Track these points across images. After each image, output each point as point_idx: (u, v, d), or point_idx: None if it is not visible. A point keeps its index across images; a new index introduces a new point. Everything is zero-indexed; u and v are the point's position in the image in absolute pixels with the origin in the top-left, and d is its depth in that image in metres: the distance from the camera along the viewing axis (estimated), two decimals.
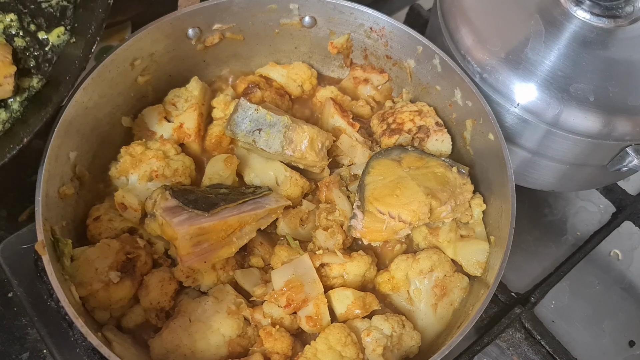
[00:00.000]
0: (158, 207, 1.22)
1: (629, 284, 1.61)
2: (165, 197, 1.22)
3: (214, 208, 1.22)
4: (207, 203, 1.23)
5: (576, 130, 1.32)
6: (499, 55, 1.36)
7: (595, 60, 1.33)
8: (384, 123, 1.50)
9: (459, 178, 1.36)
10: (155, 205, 1.23)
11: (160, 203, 1.22)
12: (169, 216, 1.20)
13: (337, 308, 1.25)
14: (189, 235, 1.18)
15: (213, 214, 1.21)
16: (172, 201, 1.21)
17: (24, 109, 1.17)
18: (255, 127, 1.34)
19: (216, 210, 1.21)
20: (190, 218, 1.20)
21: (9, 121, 1.16)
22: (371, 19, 1.51)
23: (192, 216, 1.20)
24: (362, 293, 1.26)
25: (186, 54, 1.53)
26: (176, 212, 1.21)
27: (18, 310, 1.40)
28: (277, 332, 1.19)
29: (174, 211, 1.21)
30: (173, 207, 1.21)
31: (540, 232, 1.68)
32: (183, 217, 1.20)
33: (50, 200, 1.21)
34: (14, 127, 1.16)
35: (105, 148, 1.42)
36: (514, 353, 1.39)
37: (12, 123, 1.16)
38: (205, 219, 1.20)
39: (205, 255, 1.21)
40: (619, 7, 1.38)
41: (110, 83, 1.38)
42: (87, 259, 1.22)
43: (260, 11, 1.52)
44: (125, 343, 1.18)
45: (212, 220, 1.21)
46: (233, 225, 1.23)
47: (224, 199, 1.26)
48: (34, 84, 1.18)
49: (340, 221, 1.34)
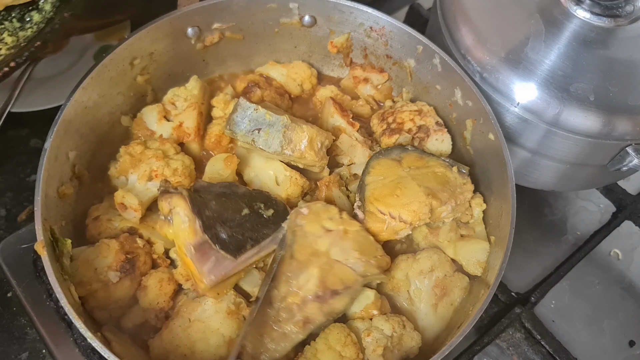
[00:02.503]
0: (185, 238, 1.17)
1: (629, 284, 1.61)
2: (194, 230, 1.17)
3: (241, 252, 1.18)
4: (234, 244, 1.19)
5: (576, 129, 1.32)
6: (499, 55, 1.36)
7: (596, 59, 1.33)
8: (384, 123, 1.50)
9: (459, 178, 1.36)
10: (181, 230, 1.18)
11: (189, 237, 1.17)
12: (199, 262, 1.16)
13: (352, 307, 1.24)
14: (215, 283, 1.18)
15: (239, 257, 1.19)
16: (202, 236, 1.17)
17: (55, 9, 1.22)
18: (255, 126, 1.34)
19: (242, 255, 1.19)
20: (218, 264, 1.17)
21: (42, 22, 1.21)
22: (371, 18, 1.51)
23: (219, 260, 1.17)
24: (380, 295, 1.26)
25: (186, 53, 1.52)
26: (204, 253, 1.17)
27: (17, 310, 1.40)
28: None
29: (202, 252, 1.17)
30: (202, 243, 1.17)
31: (540, 231, 1.68)
32: (211, 265, 1.17)
33: (50, 200, 1.21)
34: (45, 28, 1.22)
35: (105, 147, 1.42)
36: (514, 353, 1.39)
37: (45, 23, 1.21)
38: (232, 264, 1.18)
39: (219, 287, 1.21)
40: (619, 6, 1.37)
41: (110, 82, 1.38)
42: (87, 258, 1.22)
43: (260, 10, 1.52)
44: (124, 343, 1.18)
45: (238, 266, 1.20)
46: (251, 264, 1.24)
47: (250, 237, 1.21)
48: None
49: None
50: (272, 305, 1.17)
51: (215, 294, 1.21)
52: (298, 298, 1.16)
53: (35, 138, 1.67)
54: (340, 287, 1.17)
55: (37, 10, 1.19)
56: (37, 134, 1.67)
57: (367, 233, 1.27)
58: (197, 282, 1.20)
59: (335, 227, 1.24)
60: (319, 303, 1.15)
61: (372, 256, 1.22)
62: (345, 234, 1.23)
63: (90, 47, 1.86)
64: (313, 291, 1.16)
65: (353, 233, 1.24)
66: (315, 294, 1.16)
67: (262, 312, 1.16)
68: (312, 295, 1.16)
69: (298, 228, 1.25)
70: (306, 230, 1.24)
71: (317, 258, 1.20)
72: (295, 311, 1.15)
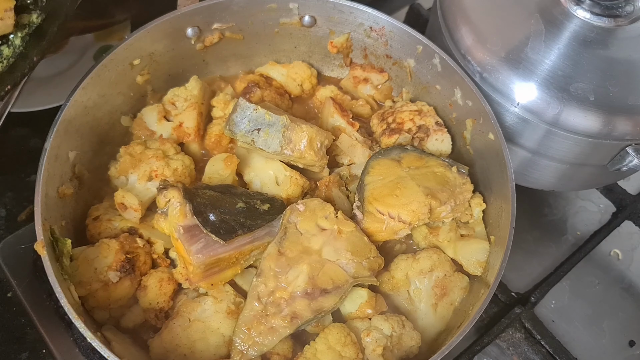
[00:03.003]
0: (176, 222, 1.19)
1: (629, 284, 1.61)
2: (184, 212, 1.19)
3: (231, 236, 1.19)
4: (225, 229, 1.19)
5: (576, 129, 1.32)
6: (499, 55, 1.36)
7: (596, 59, 1.33)
8: (383, 122, 1.50)
9: (459, 178, 1.36)
10: (173, 216, 1.20)
11: (179, 219, 1.19)
12: (188, 242, 1.17)
13: (346, 307, 1.24)
14: (204, 265, 1.18)
15: (230, 242, 1.19)
16: (191, 219, 1.19)
17: (25, 44, 1.20)
18: (254, 126, 1.34)
19: (233, 240, 1.19)
20: (207, 246, 1.18)
21: (12, 57, 1.19)
22: (371, 18, 1.51)
23: (209, 243, 1.18)
24: (374, 293, 1.26)
25: (185, 53, 1.52)
26: (194, 235, 1.18)
27: (17, 310, 1.40)
28: None
29: (192, 233, 1.18)
30: (191, 226, 1.19)
31: (540, 231, 1.68)
32: (200, 245, 1.17)
33: (50, 200, 1.21)
34: (17, 62, 1.20)
35: (105, 148, 1.42)
36: (514, 353, 1.39)
37: (15, 58, 1.19)
38: (222, 247, 1.19)
39: (213, 277, 1.21)
40: (619, 6, 1.37)
41: (110, 82, 1.38)
42: (87, 258, 1.22)
43: (259, 10, 1.52)
44: (124, 343, 1.18)
45: (228, 251, 1.19)
46: (245, 253, 1.23)
47: (242, 225, 1.22)
48: (33, 19, 1.21)
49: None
50: (259, 299, 1.17)
51: (209, 285, 1.21)
52: (286, 293, 1.17)
53: (35, 138, 1.67)
54: (330, 286, 1.18)
55: (6, 44, 1.19)
56: (37, 134, 1.67)
57: (362, 234, 1.27)
58: (187, 265, 1.20)
59: (329, 227, 1.25)
60: (307, 300, 1.16)
61: (364, 258, 1.23)
62: (339, 234, 1.24)
63: (90, 47, 1.86)
64: (302, 287, 1.17)
65: (347, 233, 1.25)
66: (304, 291, 1.17)
67: (249, 306, 1.17)
68: (301, 291, 1.16)
69: (291, 225, 1.25)
70: (300, 228, 1.25)
71: (308, 256, 1.21)
72: (283, 306, 1.16)
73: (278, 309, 1.16)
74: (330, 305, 1.17)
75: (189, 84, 1.51)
